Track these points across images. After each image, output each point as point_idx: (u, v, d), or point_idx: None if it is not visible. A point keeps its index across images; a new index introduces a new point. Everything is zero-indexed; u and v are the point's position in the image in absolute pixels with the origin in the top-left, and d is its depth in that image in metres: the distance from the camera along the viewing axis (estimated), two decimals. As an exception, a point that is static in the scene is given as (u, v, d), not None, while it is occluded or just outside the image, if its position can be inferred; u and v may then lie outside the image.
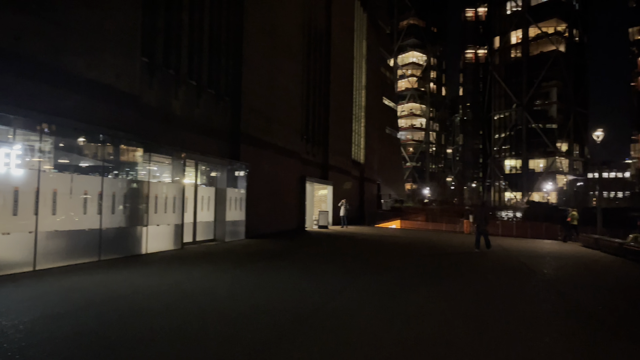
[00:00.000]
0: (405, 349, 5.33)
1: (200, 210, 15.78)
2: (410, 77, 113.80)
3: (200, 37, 16.86)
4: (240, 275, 10.18)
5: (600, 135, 26.28)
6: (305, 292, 8.49)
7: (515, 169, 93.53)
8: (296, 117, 25.16)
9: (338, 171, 33.70)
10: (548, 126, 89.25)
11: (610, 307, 8.63)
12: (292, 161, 24.27)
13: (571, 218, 26.19)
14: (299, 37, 25.35)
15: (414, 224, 48.90)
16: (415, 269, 12.84)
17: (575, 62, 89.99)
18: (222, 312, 6.63)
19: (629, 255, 17.71)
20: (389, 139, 77.52)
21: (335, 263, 13.09)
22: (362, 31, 43.67)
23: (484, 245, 17.86)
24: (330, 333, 5.82)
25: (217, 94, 17.76)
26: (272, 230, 21.22)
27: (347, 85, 37.56)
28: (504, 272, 12.83)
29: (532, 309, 7.84)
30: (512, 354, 5.33)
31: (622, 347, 5.90)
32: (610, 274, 13.84)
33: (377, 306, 7.54)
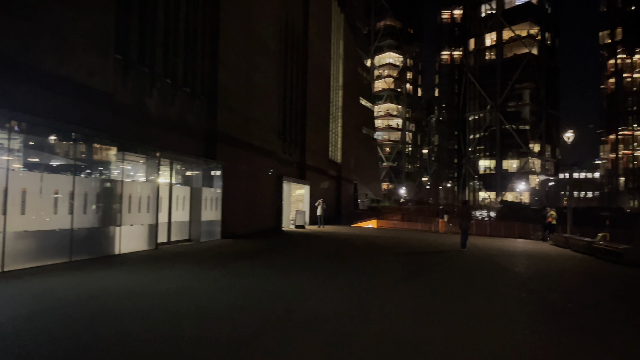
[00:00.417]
0: (380, 347, 5.37)
1: (175, 210, 15.60)
2: (386, 78, 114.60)
3: (176, 35, 16.66)
4: (215, 275, 10.10)
5: (571, 137, 26.92)
6: (281, 291, 8.47)
7: (489, 169, 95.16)
8: (273, 116, 25.08)
9: (315, 171, 33.72)
10: (521, 127, 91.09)
11: (579, 304, 8.85)
12: (269, 161, 24.19)
13: (551, 218, 26.75)
14: (276, 36, 25.28)
15: (390, 224, 49.31)
16: (390, 268, 12.94)
17: (547, 64, 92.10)
18: (196, 313, 6.57)
19: (598, 253, 18.19)
20: (366, 139, 77.93)
21: (311, 263, 13.10)
22: (339, 31, 43.79)
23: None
24: (305, 332, 5.83)
25: (192, 93, 17.59)
26: (248, 230, 21.11)
27: (325, 85, 37.61)
28: (478, 271, 13.03)
29: (505, 307, 7.98)
30: (484, 351, 5.42)
31: (589, 342, 6.06)
32: (580, 272, 14.19)
33: (353, 305, 7.57)
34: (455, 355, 5.22)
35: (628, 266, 15.69)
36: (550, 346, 5.77)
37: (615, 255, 16.77)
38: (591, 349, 5.80)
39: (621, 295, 10.63)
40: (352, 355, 5.07)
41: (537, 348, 5.62)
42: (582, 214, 45.98)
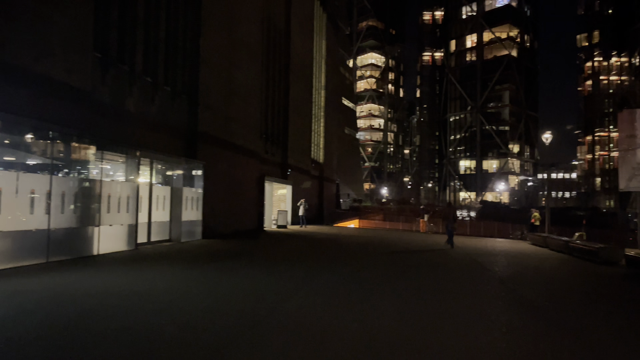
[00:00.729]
0: (361, 346, 5.39)
1: (155, 209, 15.44)
2: (369, 78, 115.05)
3: (156, 32, 16.49)
4: (195, 275, 10.02)
5: (549, 138, 27.38)
6: (262, 292, 8.45)
7: (469, 169, 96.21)
8: (255, 116, 24.98)
9: (297, 170, 33.69)
10: (501, 128, 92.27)
11: (556, 302, 9.01)
12: (250, 160, 24.08)
13: (534, 219, 27.14)
14: (258, 35, 25.17)
15: (371, 223, 49.50)
16: (371, 268, 13.00)
17: (526, 66, 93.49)
18: (175, 314, 6.51)
19: (575, 252, 18.54)
20: (348, 139, 78.13)
21: (292, 263, 13.09)
22: (321, 31, 43.81)
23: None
24: (286, 333, 5.82)
25: (173, 92, 17.42)
26: (230, 230, 20.99)
27: (307, 84, 37.60)
28: (458, 270, 13.17)
29: (483, 306, 8.08)
30: (462, 349, 5.48)
31: (566, 340, 6.17)
32: (557, 271, 14.44)
33: (333, 305, 7.59)
34: (434, 353, 5.28)
35: (604, 265, 16.02)
36: (527, 344, 5.86)
37: (591, 254, 17.11)
38: (567, 346, 5.90)
39: (597, 294, 10.85)
40: (332, 356, 5.08)
41: (514, 346, 5.71)
42: (559, 214, 46.77)
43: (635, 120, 22.06)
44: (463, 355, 5.24)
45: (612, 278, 13.35)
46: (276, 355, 4.97)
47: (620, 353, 5.77)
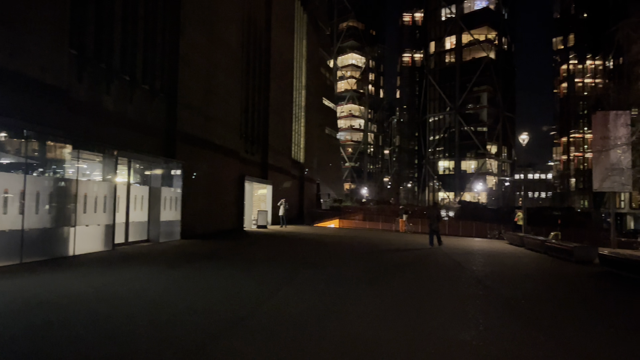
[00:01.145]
0: (340, 346, 5.41)
1: (133, 209, 15.24)
2: (349, 79, 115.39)
3: (135, 30, 16.27)
4: (173, 276, 9.93)
5: (526, 139, 27.85)
6: (242, 292, 8.42)
7: (448, 169, 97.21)
8: (235, 115, 24.84)
9: (278, 170, 33.61)
10: (479, 129, 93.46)
11: (532, 300, 9.17)
12: (230, 160, 23.94)
13: (518, 219, 27.55)
14: (238, 34, 25.04)
15: (352, 223, 49.65)
16: (351, 267, 13.04)
17: (503, 68, 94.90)
18: (154, 315, 6.44)
19: (550, 251, 18.91)
20: (329, 139, 78.29)
21: (272, 263, 13.06)
22: (302, 31, 43.79)
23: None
24: (265, 333, 5.81)
25: (152, 90, 17.22)
26: (209, 231, 20.83)
27: (287, 84, 37.53)
28: (437, 269, 13.31)
29: (461, 305, 8.18)
30: (440, 347, 5.54)
31: (540, 337, 6.28)
32: (533, 270, 14.70)
33: (313, 304, 7.60)
34: (413, 351, 5.32)
35: (578, 263, 16.37)
36: (503, 341, 5.96)
37: (566, 253, 17.47)
38: (542, 343, 6.02)
39: (571, 292, 11.09)
40: (313, 355, 5.09)
41: (490, 343, 5.79)
42: (536, 214, 47.66)
43: (608, 122, 22.62)
44: (441, 354, 5.30)
45: (586, 276, 13.64)
46: (255, 356, 4.95)
47: (591, 348, 5.91)
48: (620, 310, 9.09)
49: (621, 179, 22.26)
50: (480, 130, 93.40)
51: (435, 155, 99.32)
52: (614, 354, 5.78)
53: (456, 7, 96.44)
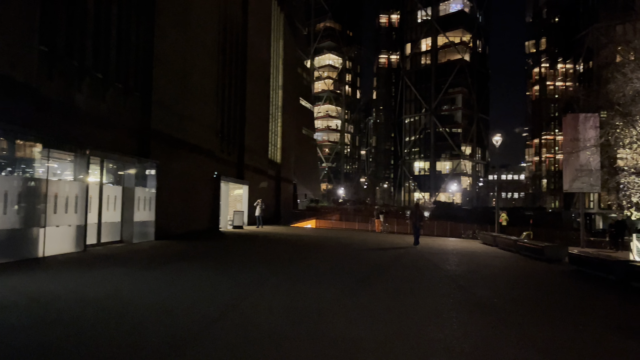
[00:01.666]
0: (315, 346, 5.42)
1: (106, 210, 14.96)
2: (326, 79, 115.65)
3: (108, 27, 15.97)
4: (147, 277, 9.79)
5: (499, 140, 28.36)
6: (216, 293, 8.35)
7: (423, 170, 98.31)
8: (211, 115, 24.62)
9: (254, 171, 33.44)
10: (454, 130, 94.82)
11: (504, 299, 9.35)
12: (206, 160, 23.72)
13: (502, 219, 27.96)
14: (214, 33, 24.82)
15: (328, 224, 49.81)
16: (326, 267, 13.06)
17: (478, 70, 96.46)
18: (127, 317, 6.34)
19: (522, 251, 19.30)
20: (306, 140, 78.32)
21: (247, 264, 12.99)
22: (279, 31, 43.68)
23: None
24: (240, 333, 5.78)
25: (125, 89, 16.93)
26: (184, 231, 20.60)
27: (264, 84, 37.38)
28: (412, 269, 13.43)
29: (435, 304, 8.28)
30: (414, 345, 5.60)
31: (512, 335, 6.41)
32: (505, 269, 14.97)
33: (288, 305, 7.58)
34: (386, 350, 5.37)
35: (549, 262, 16.76)
36: (476, 339, 6.06)
37: (537, 252, 17.85)
38: (513, 341, 6.14)
39: (542, 290, 11.34)
40: (286, 356, 5.09)
41: (463, 341, 5.88)
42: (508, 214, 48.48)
43: (578, 124, 23.20)
44: (416, 352, 5.36)
45: (556, 275, 13.97)
46: (231, 355, 4.92)
47: (560, 344, 6.05)
48: (586, 308, 9.34)
49: (590, 179, 22.85)
50: (455, 131, 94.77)
51: (411, 156, 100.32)
52: (579, 348, 5.93)
53: (432, 9, 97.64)
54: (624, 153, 19.92)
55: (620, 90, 16.91)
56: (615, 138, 17.84)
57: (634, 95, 16.71)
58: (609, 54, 26.20)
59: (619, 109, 17.38)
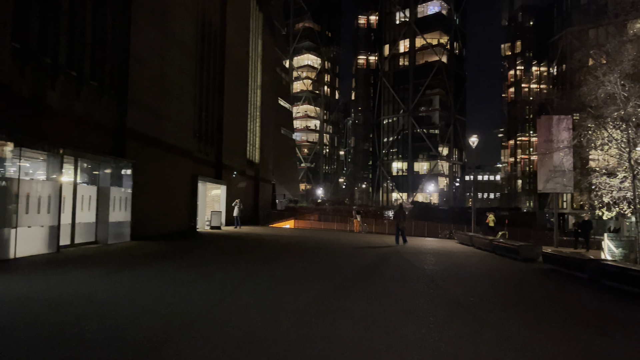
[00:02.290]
0: (291, 346, 5.41)
1: (80, 210, 14.67)
2: (305, 79, 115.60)
3: (83, 24, 15.67)
4: (121, 279, 9.63)
5: (475, 141, 28.72)
6: (193, 294, 8.27)
7: (401, 171, 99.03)
8: (189, 114, 24.37)
9: (232, 170, 33.21)
10: (431, 131, 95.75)
11: (479, 298, 9.47)
12: (183, 159, 23.47)
13: (489, 221, 28.18)
14: (192, 32, 24.59)
15: (307, 224, 49.77)
16: (305, 267, 13.06)
17: (455, 72, 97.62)
18: (102, 318, 6.22)
19: (498, 250, 19.58)
20: (285, 140, 78.16)
21: (224, 265, 12.89)
22: (257, 30, 43.49)
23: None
24: (217, 335, 5.73)
25: (101, 87, 16.63)
26: (161, 232, 20.34)
27: (243, 84, 37.17)
28: (389, 268, 13.51)
29: (413, 303, 8.34)
30: (391, 344, 5.64)
31: (487, 333, 6.50)
32: (481, 268, 15.17)
33: (267, 306, 7.55)
34: (363, 349, 5.38)
35: (523, 261, 17.05)
36: (452, 338, 6.12)
37: (512, 252, 18.15)
38: (489, 340, 6.23)
39: (516, 289, 11.54)
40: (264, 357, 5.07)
41: (440, 340, 5.94)
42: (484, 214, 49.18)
43: (552, 126, 23.67)
44: (393, 351, 5.39)
45: (531, 274, 14.22)
46: (207, 356, 4.88)
47: (535, 342, 6.16)
48: (560, 306, 9.52)
49: (563, 180, 23.33)
50: (432, 132, 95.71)
51: (389, 157, 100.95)
52: (554, 346, 6.04)
53: (410, 11, 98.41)
54: (596, 154, 20.41)
55: (592, 92, 17.30)
56: (587, 140, 18.26)
57: (605, 98, 17.13)
58: (582, 57, 26.80)
59: (591, 111, 17.80)
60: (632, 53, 16.61)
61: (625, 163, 17.08)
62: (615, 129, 17.54)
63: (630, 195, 17.15)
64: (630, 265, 13.49)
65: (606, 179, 18.09)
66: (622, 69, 16.31)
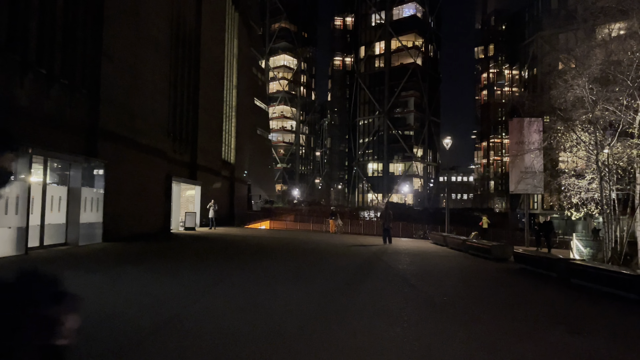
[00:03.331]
0: (266, 346, 5.39)
1: (50, 211, 14.33)
2: (281, 80, 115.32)
3: (53, 20, 15.32)
4: (93, 280, 9.43)
5: (449, 143, 29.14)
6: (166, 296, 8.16)
7: (377, 171, 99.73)
8: (163, 113, 24.04)
9: (207, 171, 32.91)
10: (406, 133, 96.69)
11: (453, 297, 9.61)
12: (157, 160, 23.13)
13: (483, 222, 28.41)
14: (166, 30, 24.27)
15: (283, 225, 49.63)
16: (280, 268, 13.01)
17: (430, 74, 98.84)
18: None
19: (471, 250, 19.90)
20: (261, 140, 77.82)
21: (198, 266, 12.76)
22: (233, 30, 43.20)
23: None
24: (190, 337, 5.67)
25: (72, 85, 16.28)
26: (134, 233, 20.01)
27: (218, 83, 36.87)
28: (364, 268, 13.58)
29: (387, 303, 8.41)
30: (365, 343, 5.66)
31: (460, 332, 6.60)
32: (455, 268, 15.38)
33: (241, 307, 7.51)
34: (339, 349, 5.40)
35: (496, 261, 17.36)
36: (426, 337, 6.20)
37: (485, 252, 18.46)
38: (462, 338, 6.32)
39: (488, 288, 11.73)
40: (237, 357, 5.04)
41: (413, 339, 6.00)
42: (458, 215, 49.94)
43: (523, 128, 24.17)
44: (367, 350, 5.42)
45: (503, 273, 14.49)
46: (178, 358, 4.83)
47: (507, 341, 6.28)
48: (531, 304, 9.73)
49: (534, 181, 23.84)
50: (407, 133, 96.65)
51: (365, 158, 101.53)
52: (525, 344, 6.17)
53: (385, 13, 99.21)
54: (565, 156, 20.92)
55: (562, 96, 17.72)
56: (557, 142, 18.70)
57: (574, 101, 17.57)
58: (552, 61, 27.43)
59: (561, 114, 18.24)
60: (600, 57, 17.09)
61: (593, 165, 17.54)
62: (583, 132, 18.02)
63: (597, 196, 17.62)
64: (597, 264, 13.89)
65: (575, 180, 18.55)
66: (591, 73, 16.76)
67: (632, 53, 15.72)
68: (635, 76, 15.57)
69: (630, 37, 16.21)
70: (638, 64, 15.45)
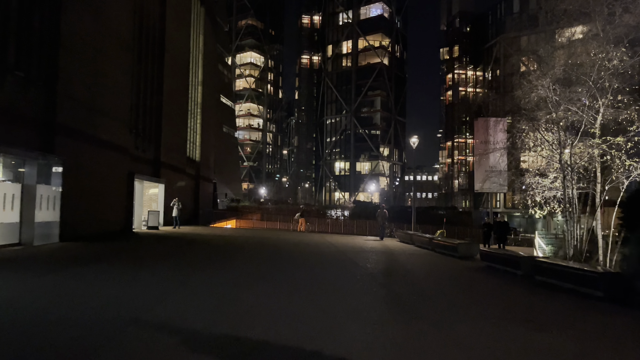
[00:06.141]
0: (227, 347, 5.15)
1: (2, 209, 13.60)
2: (248, 77, 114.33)
3: (6, 10, 14.53)
4: (48, 282, 8.94)
5: (415, 142, 29.36)
6: (126, 298, 7.78)
7: (344, 170, 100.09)
8: (125, 109, 23.26)
9: (171, 169, 32.13)
10: (373, 132, 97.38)
11: (421, 295, 9.56)
12: (118, 156, 22.36)
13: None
14: (129, 23, 23.49)
15: (250, 223, 49.12)
16: (245, 268, 12.74)
17: (396, 74, 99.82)
18: (23, 326, 5.67)
19: (437, 248, 20.05)
20: (227, 138, 76.82)
21: (160, 267, 12.33)
22: (199, 25, 42.38)
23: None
24: (150, 341, 5.37)
25: (27, 78, 15.50)
26: (94, 232, 19.27)
27: (183, 79, 36.07)
28: (332, 267, 13.44)
29: (356, 302, 8.27)
30: (334, 344, 5.49)
31: (429, 330, 6.51)
32: (422, 266, 15.43)
33: (205, 309, 7.22)
34: (310, 350, 5.20)
35: (462, 259, 17.52)
36: (395, 336, 6.08)
37: (451, 250, 18.62)
38: (431, 336, 6.23)
39: (456, 286, 11.77)
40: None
41: (384, 338, 5.87)
42: (423, 213, 50.52)
43: (489, 127, 24.55)
44: (337, 350, 5.24)
45: (469, 271, 14.61)
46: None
47: (475, 339, 6.22)
48: (498, 302, 9.79)
49: (499, 180, 24.23)
50: (373, 133, 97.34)
51: (332, 156, 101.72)
52: (493, 342, 6.13)
53: (353, 12, 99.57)
54: (529, 155, 21.32)
55: (526, 96, 18.02)
56: (521, 141, 19.00)
57: (538, 101, 17.88)
58: (515, 63, 27.99)
59: (525, 114, 18.55)
60: (563, 59, 17.44)
61: (556, 164, 17.90)
62: (547, 132, 18.36)
63: (560, 195, 17.99)
64: (559, 261, 14.15)
65: (538, 179, 18.89)
66: (554, 74, 17.08)
67: (594, 54, 16.08)
68: (597, 77, 15.94)
69: (592, 39, 16.59)
70: (599, 65, 15.82)
